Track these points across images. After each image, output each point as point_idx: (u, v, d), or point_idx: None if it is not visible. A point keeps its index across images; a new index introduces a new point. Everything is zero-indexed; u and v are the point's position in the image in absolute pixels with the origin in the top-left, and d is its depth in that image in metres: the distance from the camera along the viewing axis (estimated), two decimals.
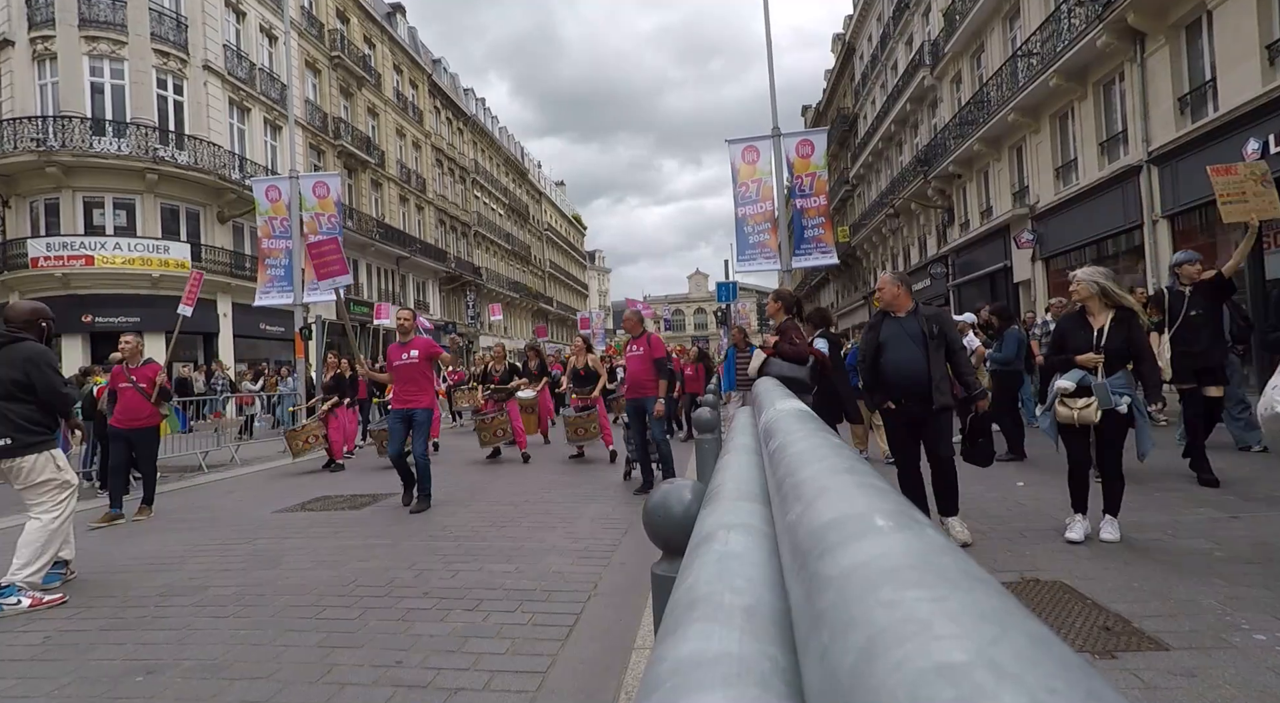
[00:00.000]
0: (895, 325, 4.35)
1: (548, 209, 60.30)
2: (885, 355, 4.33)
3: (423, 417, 6.39)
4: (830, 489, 0.70)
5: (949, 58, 21.54)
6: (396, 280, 30.94)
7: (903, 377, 4.24)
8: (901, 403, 4.29)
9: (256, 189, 13.56)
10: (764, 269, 12.06)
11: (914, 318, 4.31)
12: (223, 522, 6.13)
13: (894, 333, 4.33)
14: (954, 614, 0.36)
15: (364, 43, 29.82)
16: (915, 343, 4.22)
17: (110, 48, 19.03)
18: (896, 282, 4.43)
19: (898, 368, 4.26)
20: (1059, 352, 4.25)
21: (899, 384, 4.26)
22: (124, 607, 3.84)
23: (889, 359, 4.30)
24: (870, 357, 4.42)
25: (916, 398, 4.22)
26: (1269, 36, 10.03)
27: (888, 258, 31.86)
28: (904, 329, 4.30)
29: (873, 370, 4.41)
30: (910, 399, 4.25)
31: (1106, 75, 14.10)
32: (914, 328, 4.27)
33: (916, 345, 4.21)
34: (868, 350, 4.46)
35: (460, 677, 2.77)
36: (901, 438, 4.43)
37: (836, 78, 39.89)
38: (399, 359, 6.48)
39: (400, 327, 6.67)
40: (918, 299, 4.60)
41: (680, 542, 1.31)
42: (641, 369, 6.78)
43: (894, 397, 4.32)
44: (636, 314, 7.22)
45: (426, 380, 6.59)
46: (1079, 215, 15.08)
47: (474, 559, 4.51)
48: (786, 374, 5.18)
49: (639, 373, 6.80)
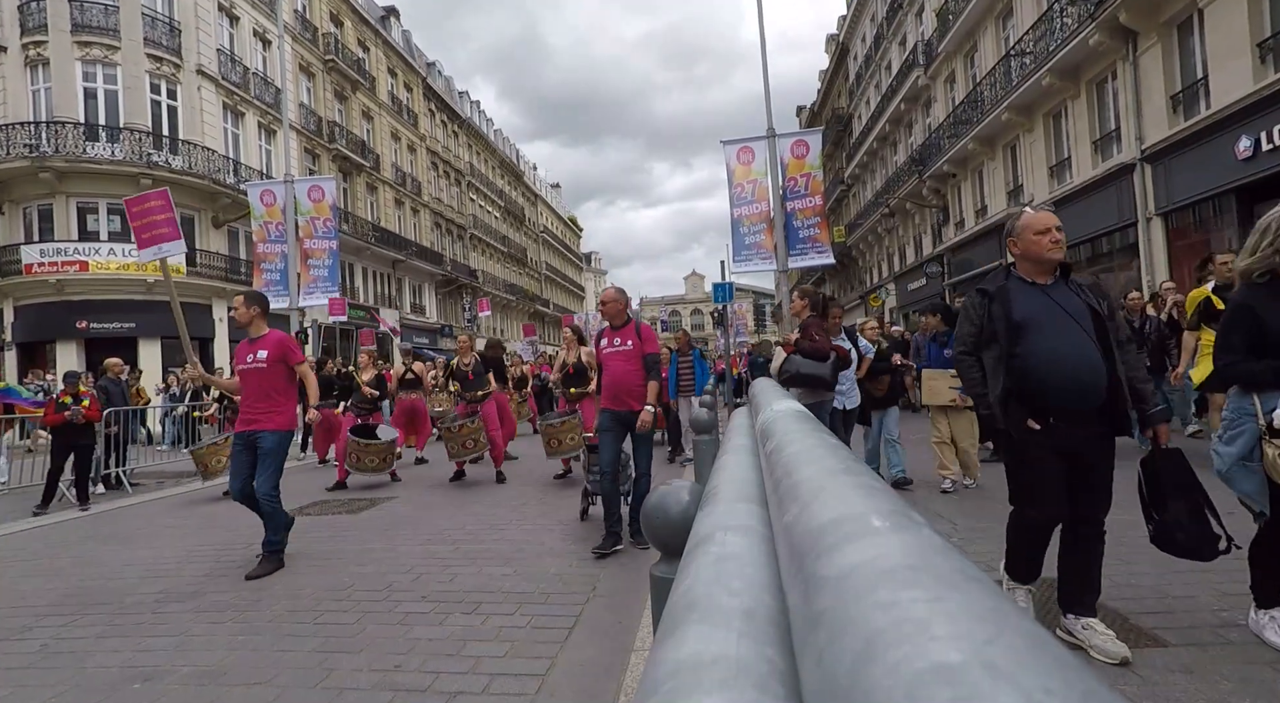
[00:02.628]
0: (1038, 297, 2.75)
1: (543, 211, 60.29)
2: (1032, 343, 2.68)
3: (271, 443, 4.69)
4: (827, 490, 0.70)
5: (942, 57, 21.61)
6: (392, 284, 30.88)
7: (1068, 379, 2.62)
8: (1051, 422, 2.67)
9: (251, 194, 13.53)
10: (760, 270, 12.09)
11: (1067, 286, 2.79)
12: (219, 527, 6.11)
13: (1041, 308, 2.72)
14: (950, 615, 0.36)
15: (358, 46, 29.78)
16: (1082, 324, 2.66)
17: (103, 53, 18.97)
18: (1047, 210, 2.84)
19: (1059, 364, 2.63)
20: (1256, 347, 2.60)
21: (1060, 391, 2.63)
22: (120, 613, 3.82)
23: (1044, 348, 2.65)
24: (1003, 346, 2.74)
25: (1080, 416, 2.65)
26: (1260, 34, 10.08)
27: (883, 257, 31.93)
28: (1057, 302, 2.72)
29: (1007, 368, 2.72)
30: (1069, 418, 2.65)
31: (1099, 74, 14.16)
32: (1073, 302, 2.71)
33: (1084, 328, 2.66)
34: (991, 334, 2.81)
35: (459, 680, 2.76)
36: (1051, 476, 2.70)
37: (831, 78, 39.97)
38: (244, 362, 4.84)
39: (237, 317, 4.91)
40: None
41: (678, 543, 1.31)
42: (629, 370, 4.84)
43: (1046, 410, 2.68)
44: (621, 294, 5.13)
45: (280, 394, 4.80)
46: (1073, 214, 15.11)
47: (472, 562, 4.50)
48: (806, 371, 5.16)
49: (626, 375, 4.83)
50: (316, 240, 13.14)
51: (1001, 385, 2.74)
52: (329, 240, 13.27)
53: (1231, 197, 10.74)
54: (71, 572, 4.81)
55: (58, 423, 7.46)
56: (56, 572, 4.85)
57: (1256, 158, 9.92)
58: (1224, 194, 10.86)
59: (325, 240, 13.23)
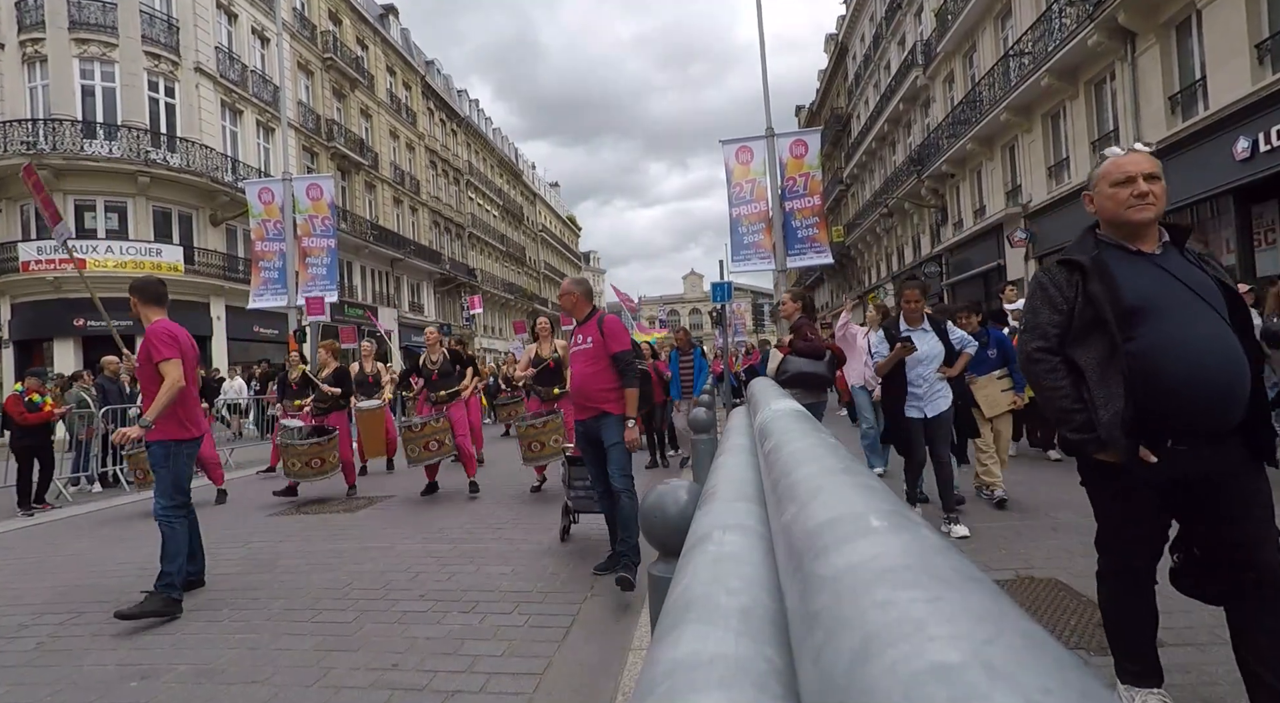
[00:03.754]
0: (1149, 270, 1.97)
1: (542, 210, 60.25)
2: (1152, 334, 1.89)
3: (154, 457, 3.99)
4: (826, 490, 0.70)
5: (941, 57, 21.62)
6: (391, 283, 30.85)
7: (1206, 384, 1.85)
8: (1170, 446, 1.91)
9: (249, 192, 13.52)
10: (759, 269, 12.11)
11: (1183, 255, 2.03)
12: (216, 525, 6.10)
13: (1158, 285, 1.94)
14: (948, 615, 0.36)
15: (356, 44, 29.74)
16: (1214, 306, 1.91)
17: (101, 50, 18.93)
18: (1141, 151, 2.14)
19: (1194, 363, 1.85)
20: None
21: (1194, 401, 1.86)
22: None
23: (1170, 341, 1.87)
24: (1113, 339, 1.92)
25: (1208, 430, 1.89)
26: (1258, 35, 10.10)
27: (882, 257, 31.96)
28: (1177, 277, 1.95)
29: (1125, 371, 1.89)
30: (1197, 437, 1.90)
31: (1098, 74, 14.17)
32: (1196, 275, 1.96)
33: (1218, 312, 1.90)
34: (1088, 323, 1.99)
35: (457, 679, 2.76)
36: (1147, 515, 2.03)
37: (829, 78, 39.99)
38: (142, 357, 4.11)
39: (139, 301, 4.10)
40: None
41: (676, 543, 1.31)
42: (593, 371, 4.09)
43: (1164, 428, 1.91)
44: (577, 284, 4.37)
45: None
46: (1072, 214, 15.13)
47: (470, 561, 4.50)
48: (806, 370, 5.21)
49: (585, 378, 4.13)
50: (315, 239, 13.13)
51: (1119, 398, 1.88)
52: (327, 239, 13.26)
53: (1229, 197, 10.76)
54: (67, 570, 4.81)
55: (33, 423, 7.37)
56: (52, 570, 4.84)
57: (1254, 159, 9.93)
58: (1222, 195, 10.87)
59: (324, 239, 13.22)
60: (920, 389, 4.55)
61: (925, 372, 4.56)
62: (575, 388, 4.25)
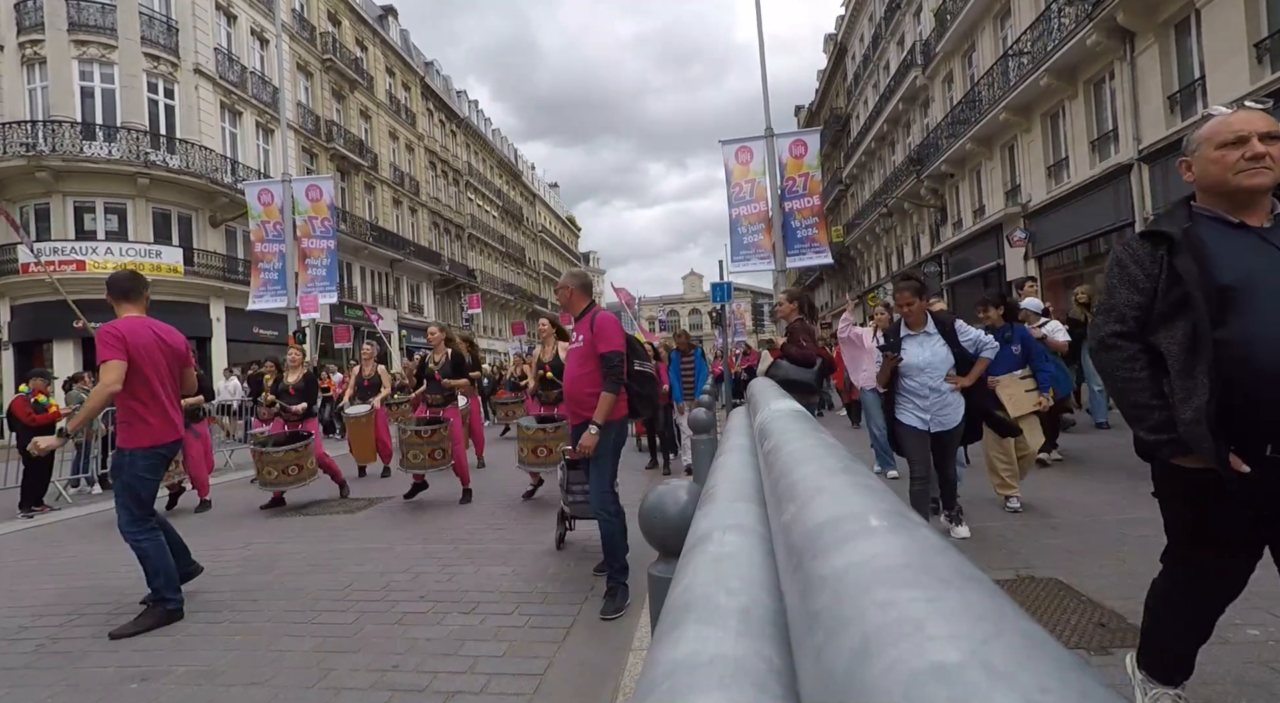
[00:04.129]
0: (1253, 245, 1.72)
1: (541, 211, 60.26)
2: (1251, 321, 1.63)
3: (114, 462, 3.77)
4: (825, 489, 0.70)
5: (940, 57, 21.63)
6: (390, 283, 30.85)
7: None
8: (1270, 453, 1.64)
9: (249, 193, 13.53)
10: (759, 269, 12.12)
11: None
12: (216, 527, 6.10)
13: (1260, 263, 1.68)
14: (948, 614, 0.36)
15: (356, 45, 29.74)
16: None
17: (100, 51, 18.93)
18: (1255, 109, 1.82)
19: None
20: None
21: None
22: (116, 614, 3.80)
23: (1269, 325, 1.62)
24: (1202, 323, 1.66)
25: None
26: (1257, 34, 10.10)
27: (881, 257, 31.96)
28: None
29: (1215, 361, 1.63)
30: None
31: (1097, 74, 14.18)
32: None
33: None
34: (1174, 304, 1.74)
35: (457, 680, 2.76)
36: (1235, 537, 1.81)
37: (829, 78, 40.00)
38: None
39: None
40: None
41: (676, 543, 1.31)
42: (582, 373, 3.79)
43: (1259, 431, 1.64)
44: (575, 278, 4.04)
45: (130, 396, 3.63)
46: (1071, 214, 15.16)
47: (470, 562, 4.50)
48: (793, 377, 5.21)
49: (573, 381, 3.85)
50: (314, 240, 13.14)
51: (1204, 390, 1.62)
52: (327, 240, 13.27)
53: None
54: (67, 572, 4.81)
55: (41, 424, 7.37)
56: (52, 572, 4.84)
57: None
58: None
59: (323, 240, 13.23)
60: (925, 400, 4.06)
61: (929, 380, 4.05)
62: (565, 390, 3.99)
